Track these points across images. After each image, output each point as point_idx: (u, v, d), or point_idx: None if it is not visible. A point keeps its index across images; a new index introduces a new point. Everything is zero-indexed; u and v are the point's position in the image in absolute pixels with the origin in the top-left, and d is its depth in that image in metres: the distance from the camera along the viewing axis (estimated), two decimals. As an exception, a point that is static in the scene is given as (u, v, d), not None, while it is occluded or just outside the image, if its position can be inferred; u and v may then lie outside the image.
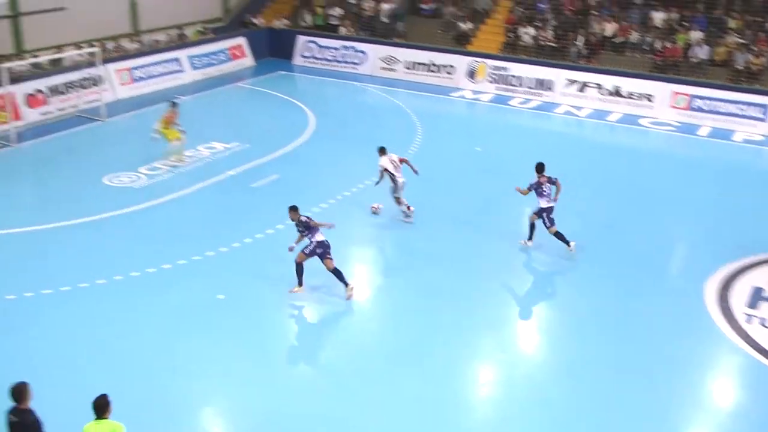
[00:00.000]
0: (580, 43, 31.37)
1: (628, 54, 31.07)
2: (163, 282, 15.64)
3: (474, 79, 31.88)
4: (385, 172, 18.47)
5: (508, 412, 12.38)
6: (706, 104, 28.13)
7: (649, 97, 28.92)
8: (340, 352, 13.82)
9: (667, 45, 30.19)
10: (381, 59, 33.89)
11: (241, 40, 35.02)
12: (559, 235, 17.17)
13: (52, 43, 29.19)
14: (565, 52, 31.59)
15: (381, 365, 13.25)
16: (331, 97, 31.68)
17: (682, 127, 27.76)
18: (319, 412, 11.94)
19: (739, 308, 15.20)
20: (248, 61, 34.94)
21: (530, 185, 17.10)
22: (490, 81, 31.57)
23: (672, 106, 28.58)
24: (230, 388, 12.57)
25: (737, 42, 29.56)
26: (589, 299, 15.62)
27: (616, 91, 29.36)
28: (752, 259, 17.22)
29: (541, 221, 17.16)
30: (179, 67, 31.66)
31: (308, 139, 24.92)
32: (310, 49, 35.46)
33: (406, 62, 33.37)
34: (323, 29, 36.16)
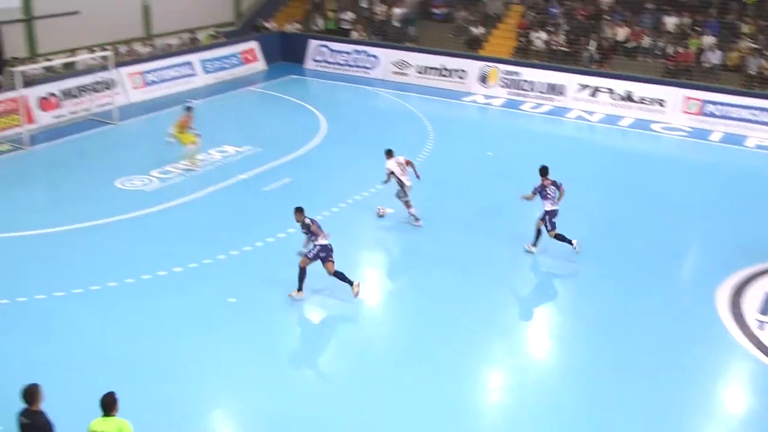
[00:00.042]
0: (592, 48, 31.33)
1: (641, 59, 31.01)
2: (174, 285, 15.68)
3: (486, 84, 31.86)
4: (392, 176, 18.52)
5: (518, 417, 12.35)
6: (719, 109, 28.02)
7: (661, 102, 28.84)
8: (350, 356, 13.81)
9: (680, 50, 30.12)
10: (393, 63, 33.91)
11: (254, 44, 35.11)
12: (560, 237, 17.20)
13: (66, 47, 29.33)
14: (577, 57, 31.55)
15: (391, 369, 13.24)
16: (343, 101, 31.70)
17: (694, 132, 27.65)
18: (328, 416, 11.95)
19: (752, 314, 15.13)
20: (260, 65, 35.02)
21: (534, 189, 17.12)
22: (501, 86, 31.55)
23: (684, 112, 28.49)
24: (240, 390, 12.58)
25: (750, 47, 29.46)
26: (598, 304, 15.58)
27: (628, 96, 29.28)
28: (765, 265, 17.14)
29: (538, 222, 17.20)
30: (191, 71, 31.76)
31: (320, 143, 24.96)
32: (322, 53, 35.52)
33: (418, 67, 33.36)
34: (335, 33, 36.24)
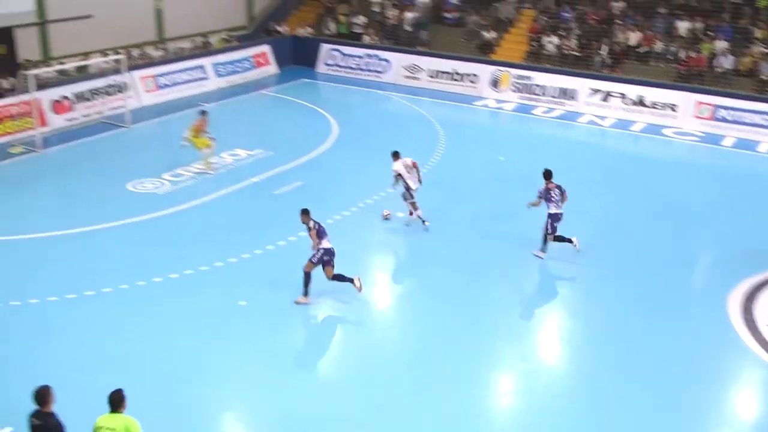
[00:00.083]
0: (604, 53, 31.26)
1: (653, 63, 30.93)
2: (185, 288, 15.73)
3: (497, 88, 31.83)
4: (399, 178, 18.54)
5: (529, 421, 12.32)
6: (731, 114, 27.90)
7: (673, 107, 28.74)
8: (360, 359, 13.82)
9: (692, 54, 30.02)
10: (404, 68, 33.92)
11: (266, 48, 35.19)
12: (559, 238, 17.24)
13: (79, 51, 29.45)
14: (589, 62, 31.48)
15: (401, 372, 13.26)
16: (355, 105, 31.74)
17: (706, 137, 27.53)
18: (339, 418, 11.99)
19: (764, 321, 15.05)
20: (272, 68, 35.09)
21: (540, 193, 17.13)
22: (513, 90, 31.52)
23: (696, 116, 28.38)
24: (250, 393, 12.63)
25: (763, 52, 29.31)
26: (608, 309, 15.54)
27: (640, 101, 29.20)
28: (777, 271, 17.09)
29: (545, 227, 17.21)
30: (204, 75, 31.88)
31: (331, 147, 25.00)
32: (334, 57, 35.57)
33: (430, 71, 33.37)
34: (347, 37, 36.27)
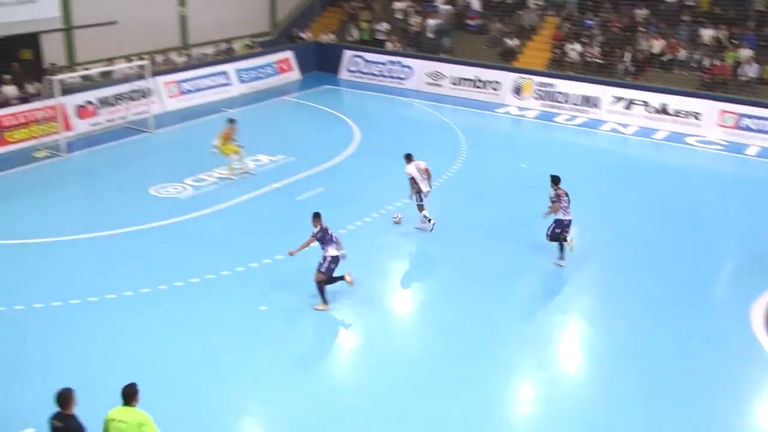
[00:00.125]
0: (627, 60, 31.15)
1: (676, 71, 30.76)
2: (206, 292, 15.81)
3: (520, 96, 31.78)
4: (412, 180, 18.57)
5: (549, 430, 12.27)
6: (755, 123, 27.72)
7: (697, 116, 28.57)
8: (379, 366, 13.80)
9: (716, 63, 29.85)
10: (427, 75, 33.95)
11: (289, 54, 35.33)
12: (555, 238, 17.32)
13: (103, 56, 29.68)
14: (612, 69, 31.37)
15: (421, 379, 13.23)
16: (377, 112, 31.77)
17: (730, 146, 27.36)
18: (356, 424, 12.01)
19: (787, 331, 14.95)
20: (295, 74, 35.22)
21: (552, 199, 17.12)
22: (535, 97, 31.47)
23: (719, 125, 28.20)
24: (268, 396, 12.67)
25: (788, 61, 29.19)
26: (629, 318, 15.45)
27: (663, 109, 29.06)
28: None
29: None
30: (227, 81, 32.03)
31: (353, 153, 25.05)
32: (357, 64, 35.66)
33: (452, 78, 33.37)
34: (370, 44, 36.34)
